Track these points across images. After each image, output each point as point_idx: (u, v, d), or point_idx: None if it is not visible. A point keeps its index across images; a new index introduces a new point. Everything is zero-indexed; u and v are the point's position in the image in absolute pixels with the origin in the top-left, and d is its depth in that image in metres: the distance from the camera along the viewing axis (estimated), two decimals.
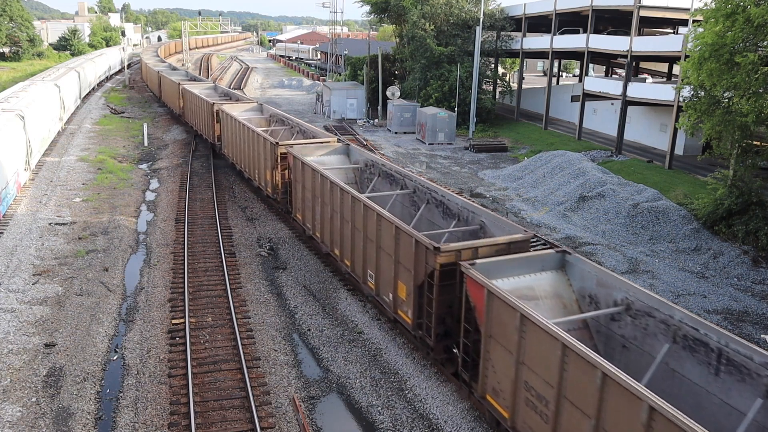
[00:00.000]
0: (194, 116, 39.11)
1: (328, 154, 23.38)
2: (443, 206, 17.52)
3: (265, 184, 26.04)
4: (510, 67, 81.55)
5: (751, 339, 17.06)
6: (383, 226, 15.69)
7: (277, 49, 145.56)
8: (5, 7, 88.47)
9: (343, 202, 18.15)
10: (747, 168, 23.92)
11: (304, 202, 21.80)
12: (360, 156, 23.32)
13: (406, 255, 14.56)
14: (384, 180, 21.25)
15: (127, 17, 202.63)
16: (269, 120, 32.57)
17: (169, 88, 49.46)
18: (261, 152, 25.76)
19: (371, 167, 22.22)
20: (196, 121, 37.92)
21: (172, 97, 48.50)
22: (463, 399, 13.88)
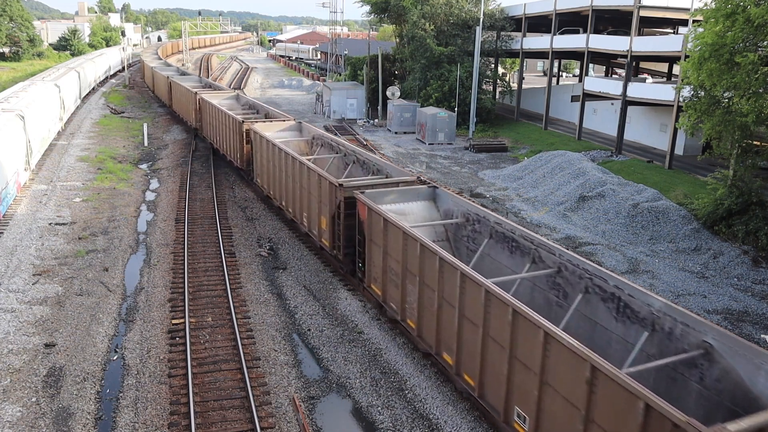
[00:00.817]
0: (215, 132, 34.87)
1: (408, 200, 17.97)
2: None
3: (318, 232, 20.94)
4: (510, 67, 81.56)
5: (751, 339, 17.07)
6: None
7: (277, 49, 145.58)
8: (5, 7, 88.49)
9: None
10: (747, 168, 23.92)
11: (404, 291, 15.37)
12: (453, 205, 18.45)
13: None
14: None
15: (127, 17, 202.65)
16: (311, 143, 28.06)
17: (182, 97, 44.36)
18: (316, 194, 20.49)
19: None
20: (217, 138, 34.40)
21: (185, 108, 43.58)
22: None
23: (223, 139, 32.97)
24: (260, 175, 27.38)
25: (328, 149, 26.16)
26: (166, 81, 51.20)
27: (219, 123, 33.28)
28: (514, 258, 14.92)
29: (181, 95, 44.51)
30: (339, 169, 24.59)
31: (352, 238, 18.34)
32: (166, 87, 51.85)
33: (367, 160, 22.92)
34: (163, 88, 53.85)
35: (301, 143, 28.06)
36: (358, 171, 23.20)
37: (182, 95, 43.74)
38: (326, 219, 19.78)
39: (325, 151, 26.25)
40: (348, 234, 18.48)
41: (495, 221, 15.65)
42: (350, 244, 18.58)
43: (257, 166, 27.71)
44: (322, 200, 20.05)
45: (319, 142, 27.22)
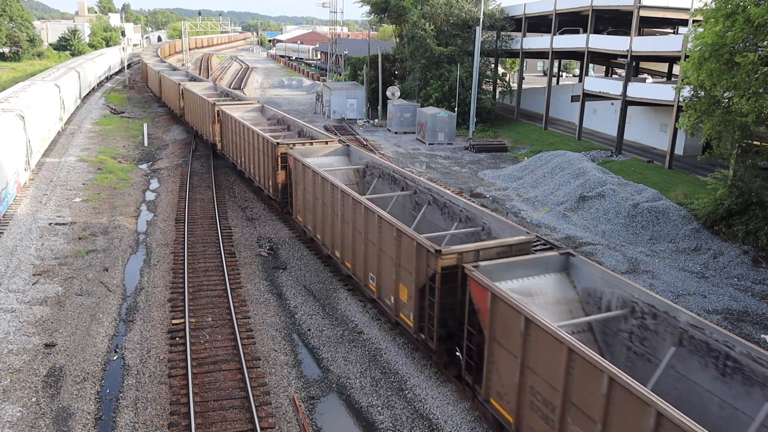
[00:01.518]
0: (239, 152, 30.29)
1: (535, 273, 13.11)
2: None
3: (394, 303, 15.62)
4: (510, 67, 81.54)
5: (751, 339, 17.06)
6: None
7: (277, 49, 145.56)
8: (5, 7, 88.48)
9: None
10: (747, 168, 23.92)
11: None
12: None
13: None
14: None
15: (127, 17, 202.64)
16: (362, 172, 23.15)
17: (197, 108, 39.83)
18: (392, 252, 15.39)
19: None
20: (242, 159, 29.85)
21: (200, 120, 39.08)
22: (464, 400, 13.86)
23: (249, 161, 28.30)
24: (302, 211, 22.44)
25: (389, 182, 21.04)
26: (176, 88, 46.81)
27: (244, 141, 28.84)
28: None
29: (195, 105, 40.22)
30: (405, 211, 19.38)
31: (451, 320, 13.46)
32: (176, 94, 47.11)
33: (450, 203, 17.18)
34: (173, 95, 49.42)
35: (350, 172, 23.23)
36: (436, 216, 17.82)
37: (197, 105, 39.47)
38: (409, 290, 14.60)
39: (385, 185, 21.20)
40: (446, 316, 13.45)
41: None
42: (445, 326, 13.57)
43: (297, 199, 22.70)
44: (402, 264, 14.81)
45: (375, 171, 22.10)
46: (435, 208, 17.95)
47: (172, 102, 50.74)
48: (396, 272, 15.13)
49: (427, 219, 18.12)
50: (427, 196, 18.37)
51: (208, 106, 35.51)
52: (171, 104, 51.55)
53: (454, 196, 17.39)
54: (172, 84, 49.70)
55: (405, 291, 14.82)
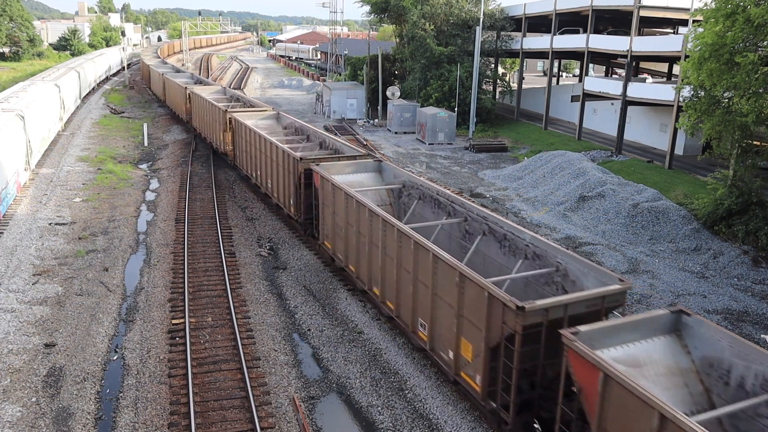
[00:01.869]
0: (255, 165, 27.69)
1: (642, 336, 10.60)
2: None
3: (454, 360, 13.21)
4: (510, 67, 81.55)
5: (751, 339, 17.06)
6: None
7: (277, 49, 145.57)
8: (5, 7, 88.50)
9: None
10: (747, 168, 23.92)
11: None
12: None
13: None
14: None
15: (127, 17, 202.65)
16: (399, 193, 20.52)
17: (207, 115, 36.76)
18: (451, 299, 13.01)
19: None
20: (258, 172, 27.28)
21: (210, 126, 35.95)
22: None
23: (266, 176, 25.92)
24: (330, 237, 19.65)
25: (431, 206, 18.46)
26: (182, 92, 44.09)
27: (260, 153, 26.35)
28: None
29: (204, 111, 37.73)
30: (453, 240, 17.05)
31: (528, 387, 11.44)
32: (182, 98, 44.73)
33: (512, 235, 14.63)
34: (178, 100, 46.84)
35: (383, 192, 20.71)
36: (493, 249, 15.31)
37: (206, 111, 36.86)
38: (475, 347, 12.22)
39: (426, 209, 18.64)
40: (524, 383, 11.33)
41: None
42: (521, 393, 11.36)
43: (325, 223, 19.97)
44: (465, 314, 12.40)
45: (414, 192, 19.41)
46: (491, 239, 15.45)
47: (177, 106, 48.15)
48: (457, 324, 12.67)
49: (482, 252, 15.62)
50: (481, 226, 15.83)
51: (218, 113, 33.14)
52: (176, 108, 49.04)
53: (517, 228, 14.81)
54: (177, 87, 47.11)
55: (469, 347, 12.41)
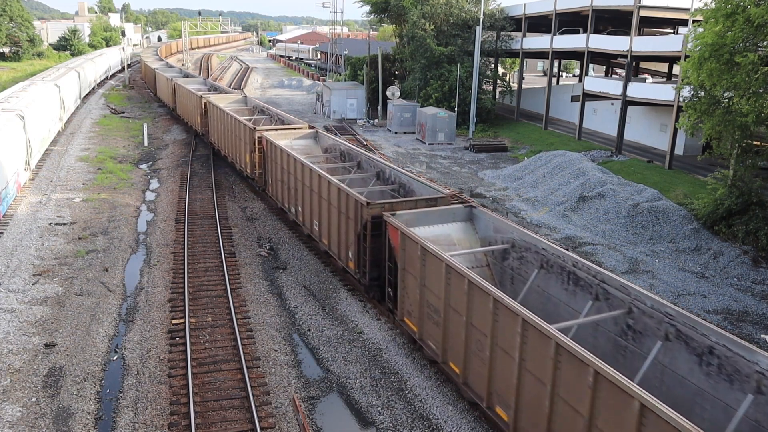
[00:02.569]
0: (294, 197, 23.15)
1: None
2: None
3: None
4: (510, 67, 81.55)
5: (751, 339, 17.07)
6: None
7: (277, 49, 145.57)
8: (5, 7, 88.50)
9: None
10: (747, 168, 23.92)
11: None
12: None
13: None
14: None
15: (127, 17, 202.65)
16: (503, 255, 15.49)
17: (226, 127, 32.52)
18: None
19: None
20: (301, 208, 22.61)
21: (233, 144, 31.37)
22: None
23: (312, 214, 21.30)
24: (417, 319, 14.66)
25: (563, 281, 13.31)
26: (197, 101, 38.94)
27: (302, 184, 22.02)
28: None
29: (225, 126, 32.54)
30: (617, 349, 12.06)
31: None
32: (196, 109, 39.65)
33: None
34: (191, 110, 41.92)
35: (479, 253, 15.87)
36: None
37: (228, 127, 31.85)
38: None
39: (554, 284, 13.59)
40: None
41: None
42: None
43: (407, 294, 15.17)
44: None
45: (532, 258, 14.35)
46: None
47: (190, 117, 42.82)
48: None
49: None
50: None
51: (244, 131, 28.31)
52: (189, 119, 43.56)
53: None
54: (190, 96, 41.72)
55: None
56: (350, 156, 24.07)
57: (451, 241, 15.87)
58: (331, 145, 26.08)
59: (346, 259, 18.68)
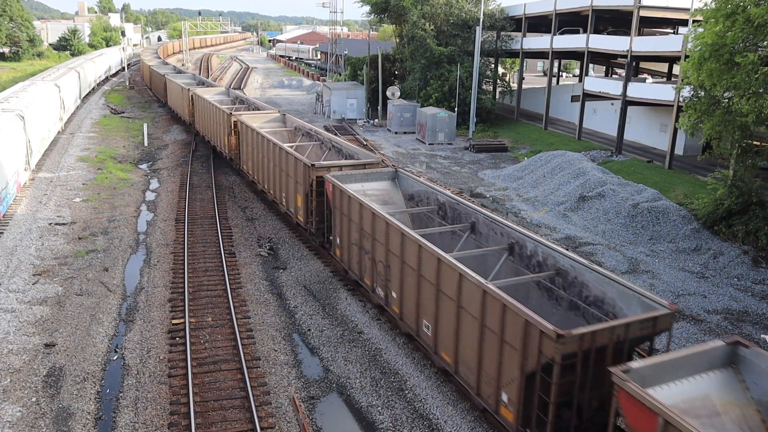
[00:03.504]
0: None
1: None
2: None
3: None
4: (510, 67, 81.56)
5: (751, 339, 17.06)
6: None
7: (277, 49, 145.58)
8: (5, 7, 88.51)
9: None
10: (747, 168, 23.91)
11: None
12: None
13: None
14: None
15: (127, 17, 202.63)
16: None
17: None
18: None
19: None
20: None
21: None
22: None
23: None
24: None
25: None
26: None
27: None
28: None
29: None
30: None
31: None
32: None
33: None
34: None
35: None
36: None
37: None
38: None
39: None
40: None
41: None
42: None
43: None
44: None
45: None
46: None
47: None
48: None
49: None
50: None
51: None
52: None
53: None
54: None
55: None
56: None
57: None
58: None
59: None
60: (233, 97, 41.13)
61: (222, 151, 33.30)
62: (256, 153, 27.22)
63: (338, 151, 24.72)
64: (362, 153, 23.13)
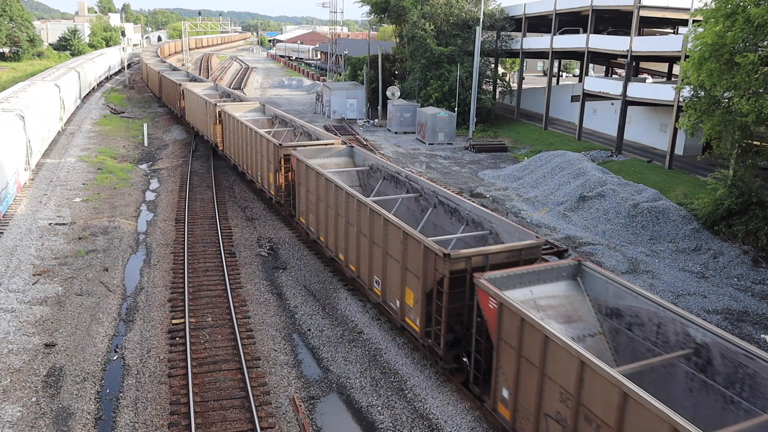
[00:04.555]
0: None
1: None
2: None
3: None
4: (510, 67, 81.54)
5: (751, 339, 17.07)
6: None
7: (277, 49, 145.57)
8: (5, 7, 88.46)
9: None
10: (747, 168, 23.92)
11: None
12: None
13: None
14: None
15: (127, 17, 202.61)
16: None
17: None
18: None
19: None
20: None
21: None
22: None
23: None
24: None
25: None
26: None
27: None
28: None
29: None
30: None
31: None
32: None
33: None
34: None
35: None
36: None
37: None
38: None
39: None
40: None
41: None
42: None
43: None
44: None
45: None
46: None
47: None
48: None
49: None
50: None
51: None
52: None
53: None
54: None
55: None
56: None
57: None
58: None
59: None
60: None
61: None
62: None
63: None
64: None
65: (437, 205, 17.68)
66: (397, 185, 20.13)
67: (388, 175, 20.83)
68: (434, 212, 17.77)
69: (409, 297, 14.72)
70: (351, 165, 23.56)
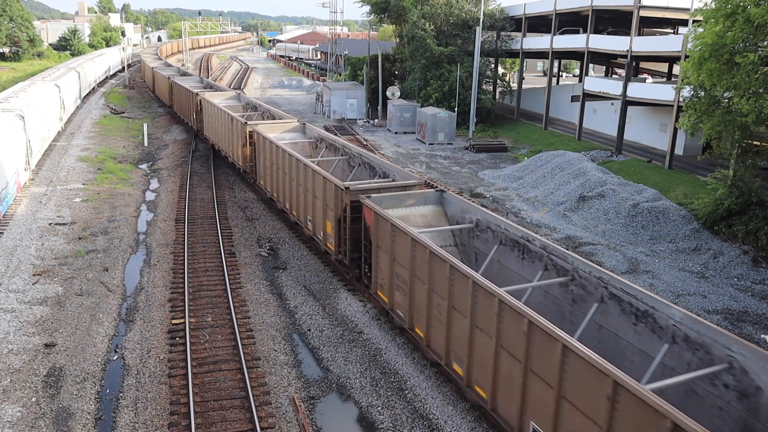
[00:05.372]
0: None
1: None
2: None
3: None
4: (510, 67, 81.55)
5: (751, 339, 17.07)
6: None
7: (277, 49, 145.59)
8: (5, 7, 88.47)
9: None
10: (747, 168, 23.92)
11: None
12: None
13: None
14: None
15: (127, 17, 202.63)
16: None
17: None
18: None
19: None
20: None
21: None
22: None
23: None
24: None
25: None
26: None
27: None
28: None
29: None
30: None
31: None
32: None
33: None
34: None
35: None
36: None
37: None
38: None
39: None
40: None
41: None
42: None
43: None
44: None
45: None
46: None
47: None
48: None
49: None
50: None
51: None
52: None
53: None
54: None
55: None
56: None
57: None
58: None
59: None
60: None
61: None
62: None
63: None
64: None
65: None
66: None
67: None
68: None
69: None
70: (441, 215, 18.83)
